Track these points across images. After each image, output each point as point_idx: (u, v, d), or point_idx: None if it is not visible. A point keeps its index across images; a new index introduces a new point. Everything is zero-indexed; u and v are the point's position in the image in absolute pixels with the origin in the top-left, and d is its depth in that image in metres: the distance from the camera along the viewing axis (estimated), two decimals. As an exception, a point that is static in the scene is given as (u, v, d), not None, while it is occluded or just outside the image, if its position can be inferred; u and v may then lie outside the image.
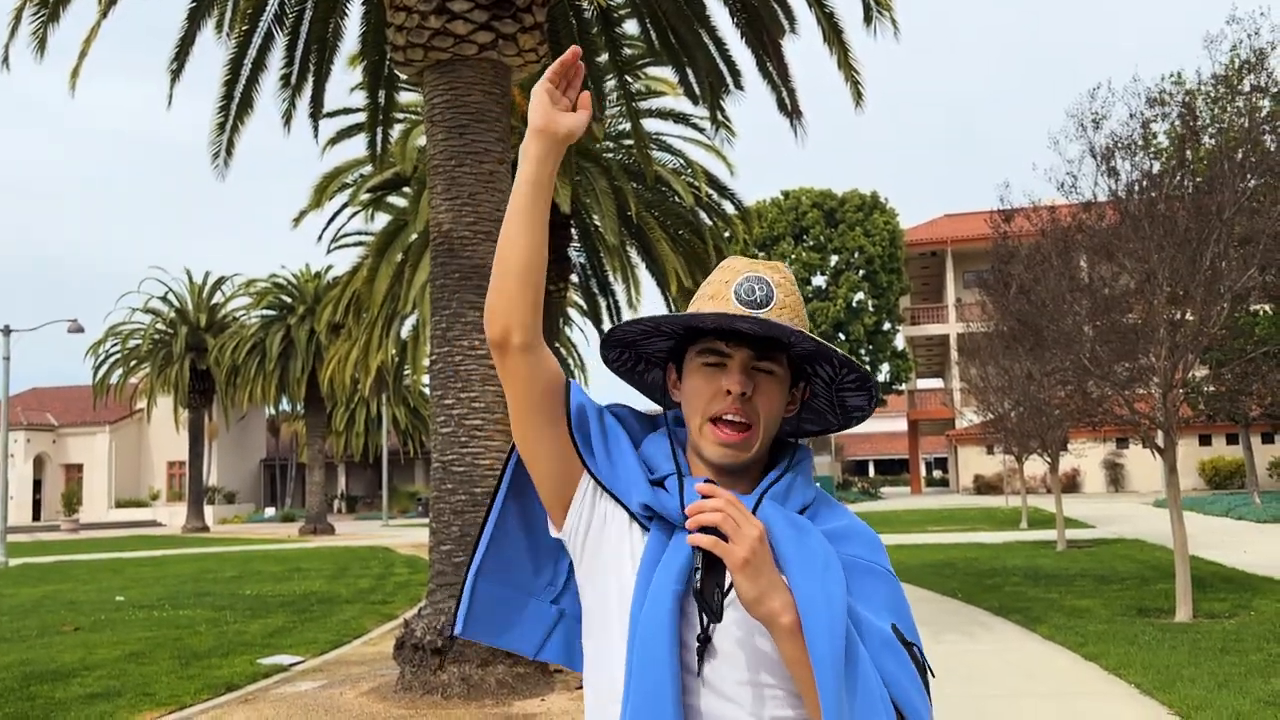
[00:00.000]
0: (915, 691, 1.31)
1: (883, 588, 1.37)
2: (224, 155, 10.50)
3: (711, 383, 1.39)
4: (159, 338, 40.95)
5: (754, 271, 1.43)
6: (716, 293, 1.43)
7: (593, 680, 1.44)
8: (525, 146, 1.42)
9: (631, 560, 1.39)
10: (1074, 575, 13.32)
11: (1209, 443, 42.39)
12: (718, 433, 1.37)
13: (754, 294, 1.41)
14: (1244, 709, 5.99)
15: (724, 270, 1.45)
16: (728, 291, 1.42)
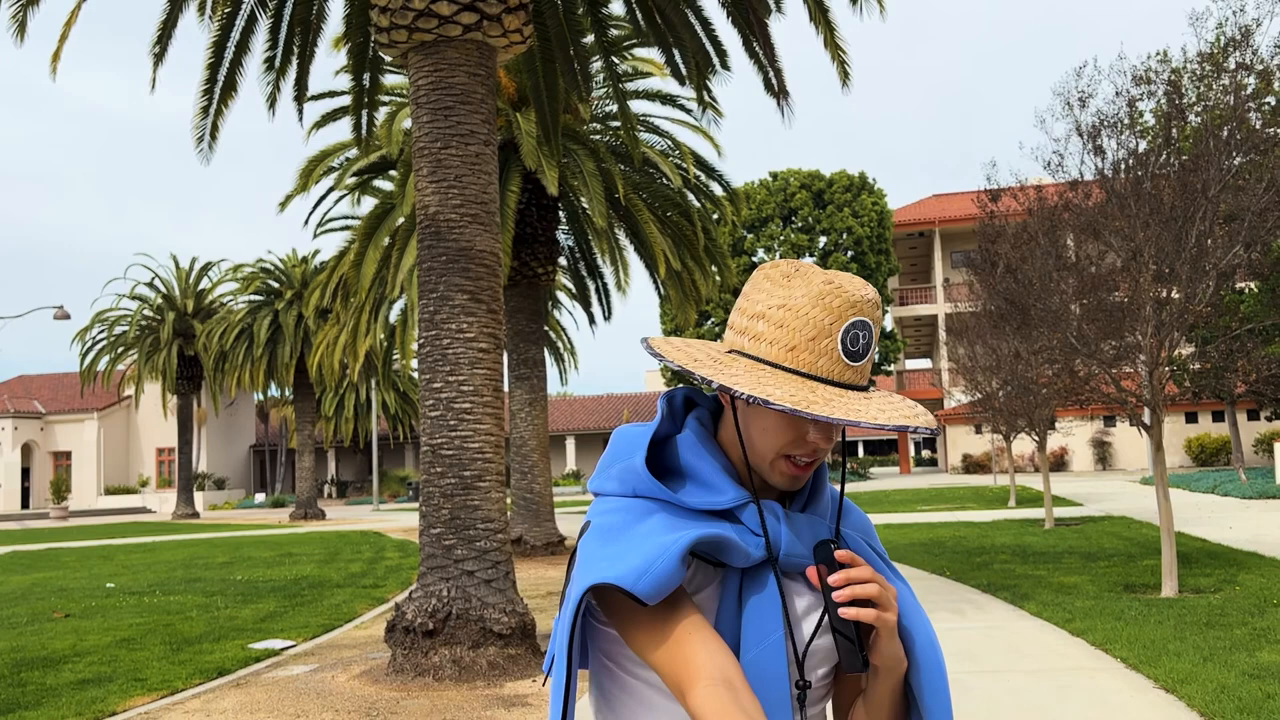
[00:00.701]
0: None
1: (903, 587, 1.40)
2: (208, 139, 10.44)
3: (793, 428, 1.29)
4: (146, 324, 40.79)
5: (860, 315, 1.28)
6: (819, 335, 1.27)
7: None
8: None
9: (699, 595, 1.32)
10: (1062, 553, 13.41)
11: (1195, 420, 42.63)
12: (792, 468, 1.31)
13: (858, 343, 1.28)
14: (1229, 681, 6.05)
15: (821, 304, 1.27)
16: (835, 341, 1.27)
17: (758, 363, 1.29)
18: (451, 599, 7.68)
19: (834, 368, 1.27)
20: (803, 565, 1.32)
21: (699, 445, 1.35)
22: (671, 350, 1.31)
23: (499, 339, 8.30)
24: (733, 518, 1.31)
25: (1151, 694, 6.12)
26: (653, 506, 1.30)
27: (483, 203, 8.13)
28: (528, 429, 16.97)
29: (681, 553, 1.21)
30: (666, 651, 1.22)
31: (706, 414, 1.41)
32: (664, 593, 1.20)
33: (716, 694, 1.16)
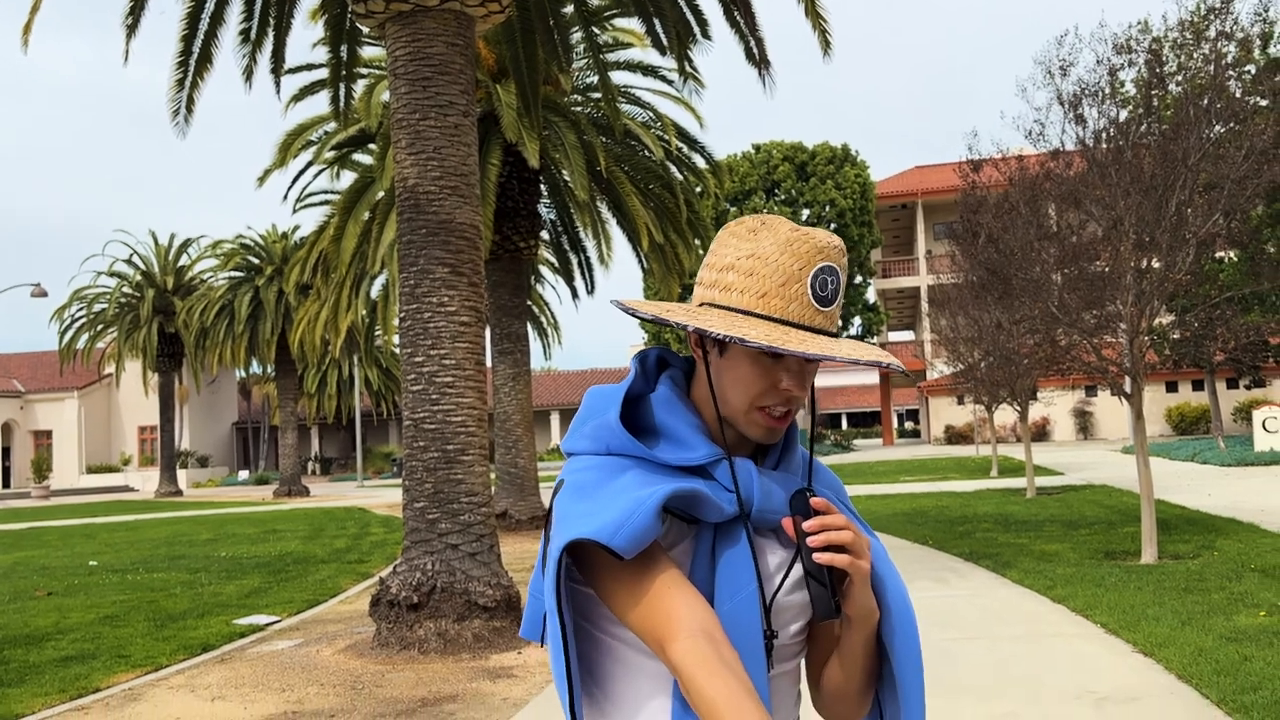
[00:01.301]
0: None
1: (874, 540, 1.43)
2: (184, 113, 10.32)
3: (767, 376, 1.30)
4: (125, 301, 40.48)
5: (827, 260, 1.30)
6: (789, 281, 1.29)
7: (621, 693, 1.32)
8: None
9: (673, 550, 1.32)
10: (1043, 521, 13.51)
11: (1175, 389, 42.95)
12: (767, 419, 1.32)
13: (827, 288, 1.30)
14: (1206, 645, 6.11)
15: (789, 251, 1.29)
16: (805, 286, 1.29)
17: (730, 311, 1.30)
18: (436, 572, 7.69)
19: (804, 312, 1.28)
20: (775, 521, 1.32)
21: (672, 403, 1.35)
22: (643, 305, 1.32)
23: (481, 312, 8.26)
24: (706, 474, 1.31)
25: (1131, 658, 6.19)
26: (626, 463, 1.31)
27: (462, 175, 8.08)
28: (511, 403, 16.94)
29: (657, 506, 1.21)
30: (645, 606, 1.22)
31: (679, 373, 1.42)
32: (641, 546, 1.20)
33: (697, 646, 1.16)
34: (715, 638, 1.18)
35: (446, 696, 6.27)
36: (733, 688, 1.13)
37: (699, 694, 1.14)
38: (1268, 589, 7.76)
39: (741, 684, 1.14)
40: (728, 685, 1.13)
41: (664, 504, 1.23)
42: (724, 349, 1.33)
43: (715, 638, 1.18)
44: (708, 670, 1.14)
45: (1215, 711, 5.01)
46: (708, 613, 1.21)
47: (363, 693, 6.49)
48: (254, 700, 6.44)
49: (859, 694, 1.37)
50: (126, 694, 6.81)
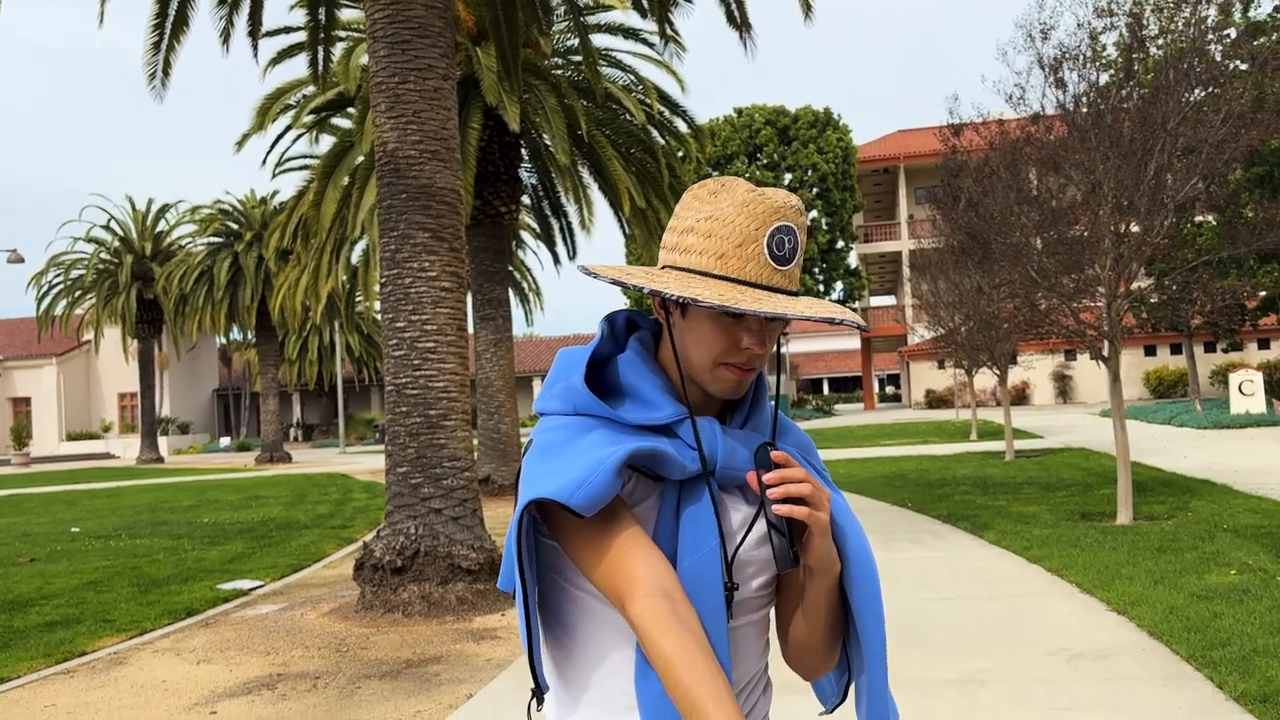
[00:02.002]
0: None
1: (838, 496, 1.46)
2: (160, 76, 10.21)
3: (728, 335, 1.34)
4: (103, 267, 40.12)
5: (783, 219, 1.32)
6: (746, 241, 1.31)
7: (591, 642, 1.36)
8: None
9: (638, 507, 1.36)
10: (1021, 483, 13.66)
11: (1153, 353, 43.29)
12: (730, 374, 1.35)
13: (784, 248, 1.32)
14: (1177, 603, 6.23)
15: (746, 211, 1.31)
16: (761, 246, 1.31)
17: (689, 273, 1.33)
18: (419, 536, 7.73)
19: (762, 271, 1.31)
20: (740, 478, 1.36)
21: (639, 364, 1.39)
22: (606, 270, 1.34)
23: (462, 278, 8.25)
24: (670, 433, 1.35)
25: (1103, 616, 6.30)
26: (593, 423, 1.34)
27: (442, 139, 8.04)
28: (493, 369, 16.95)
29: (616, 466, 1.25)
30: (607, 564, 1.26)
31: (648, 335, 1.45)
32: (599, 505, 1.24)
33: (655, 605, 1.20)
34: (673, 596, 1.22)
35: (431, 658, 6.33)
36: (687, 645, 1.17)
37: (655, 651, 1.18)
38: (1239, 548, 7.90)
39: (696, 642, 1.18)
40: (682, 643, 1.17)
41: (625, 463, 1.26)
42: (685, 310, 1.35)
43: (673, 596, 1.22)
44: (663, 629, 1.18)
45: (1184, 666, 5.12)
46: (667, 571, 1.24)
47: (347, 655, 6.54)
48: (239, 663, 6.49)
49: (823, 646, 1.41)
50: (112, 658, 6.85)
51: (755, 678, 1.42)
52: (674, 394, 1.38)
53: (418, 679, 5.86)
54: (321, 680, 5.95)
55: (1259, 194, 23.40)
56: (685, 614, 1.22)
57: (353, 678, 5.97)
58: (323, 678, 6.01)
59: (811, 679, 1.48)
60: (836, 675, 1.48)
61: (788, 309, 1.26)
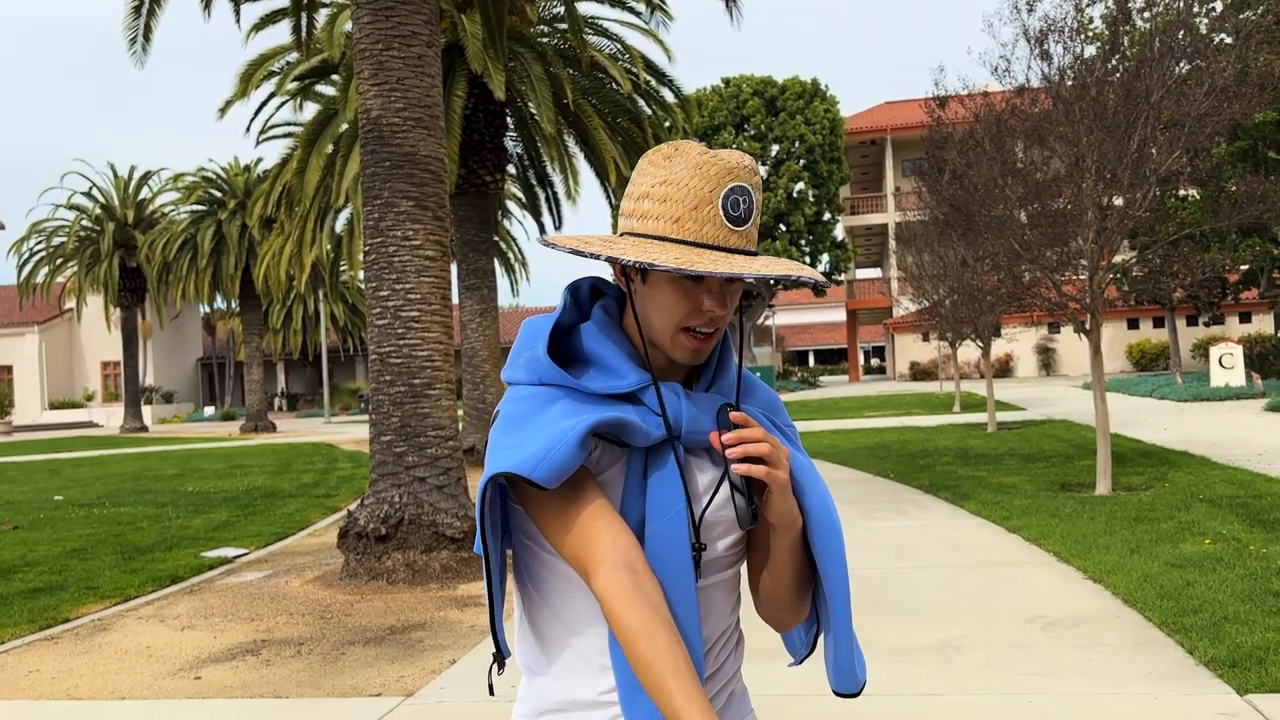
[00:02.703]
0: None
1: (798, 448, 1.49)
2: (141, 41, 10.11)
3: (689, 299, 1.34)
4: (85, 234, 39.81)
5: (737, 180, 1.32)
6: (701, 204, 1.32)
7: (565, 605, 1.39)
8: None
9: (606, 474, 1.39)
10: (1002, 454, 13.78)
11: (1136, 326, 43.55)
12: (691, 340, 1.36)
13: (739, 208, 1.33)
14: (1152, 571, 6.32)
15: (700, 174, 1.32)
16: (716, 208, 1.32)
17: (646, 238, 1.34)
18: (404, 505, 7.76)
19: (718, 233, 1.32)
20: (706, 441, 1.38)
21: (602, 332, 1.40)
22: (565, 239, 1.35)
23: (446, 246, 8.24)
24: (635, 400, 1.37)
25: (1079, 584, 6.39)
26: (557, 394, 1.36)
27: (426, 106, 8.00)
28: (479, 339, 16.94)
29: (579, 438, 1.27)
30: (572, 536, 1.29)
31: (613, 303, 1.45)
32: (562, 477, 1.26)
33: (618, 578, 1.23)
34: (636, 569, 1.25)
35: (415, 625, 6.38)
36: (648, 619, 1.20)
37: (617, 624, 1.21)
38: (1214, 518, 8.01)
39: (658, 615, 1.22)
40: (644, 617, 1.21)
41: (589, 433, 1.29)
42: (645, 276, 1.36)
43: (636, 569, 1.25)
44: (626, 603, 1.21)
45: (1156, 632, 5.21)
46: (630, 543, 1.27)
47: (332, 621, 6.59)
48: (224, 630, 6.52)
49: (791, 600, 1.45)
50: (96, 624, 6.87)
51: (726, 633, 1.45)
52: (638, 360, 1.40)
53: (401, 645, 5.90)
54: (306, 646, 5.99)
55: (1242, 168, 23.49)
56: (648, 586, 1.25)
57: (337, 644, 6.01)
58: (307, 643, 6.05)
59: (782, 631, 1.52)
60: (805, 628, 1.53)
61: (745, 269, 1.27)
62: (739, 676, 1.51)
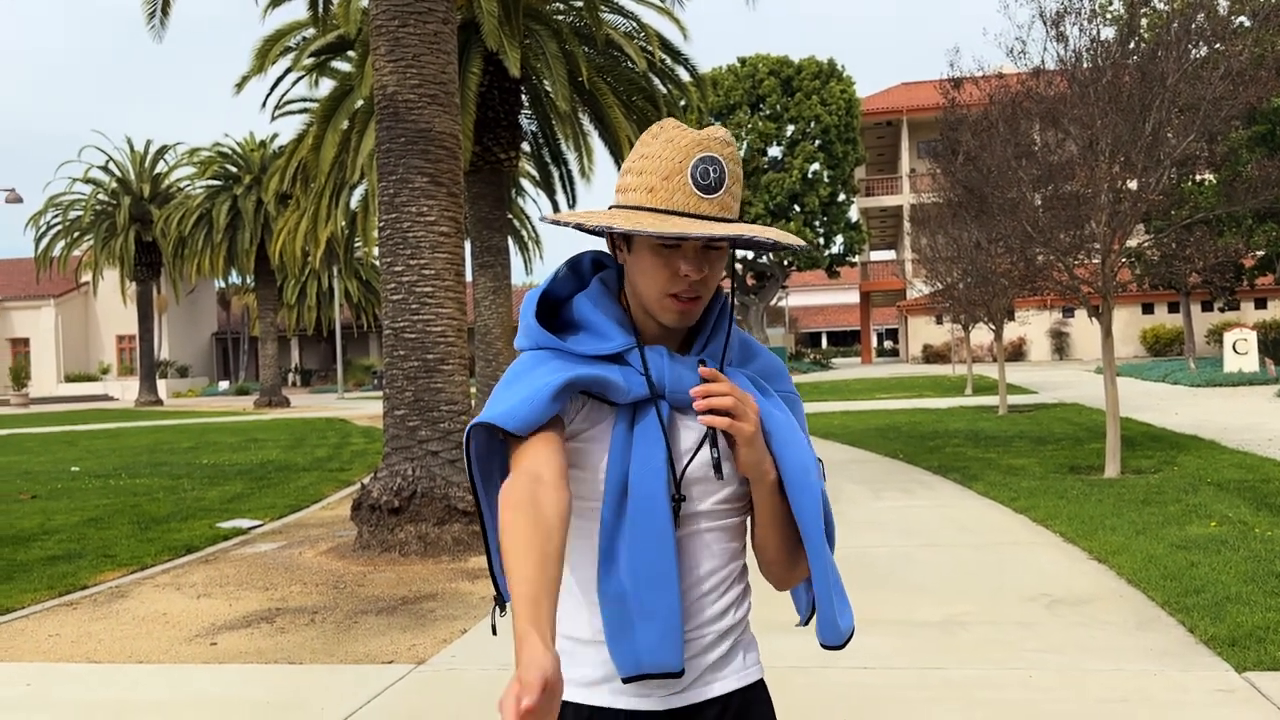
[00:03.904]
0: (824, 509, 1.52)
1: (799, 413, 1.57)
2: (160, 15, 10.16)
3: (668, 265, 1.43)
4: (101, 208, 39.98)
5: (706, 151, 1.41)
6: (671, 174, 1.41)
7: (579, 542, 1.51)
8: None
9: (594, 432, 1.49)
10: (1012, 437, 13.80)
11: (1151, 311, 43.37)
12: (676, 304, 1.45)
13: (709, 177, 1.41)
14: (1157, 552, 6.37)
15: (671, 146, 1.42)
16: (685, 177, 1.40)
17: (627, 209, 1.45)
18: (416, 478, 7.86)
19: (689, 200, 1.41)
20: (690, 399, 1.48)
21: (596, 300, 1.51)
22: (565, 215, 1.46)
23: (460, 223, 8.30)
24: (622, 361, 1.47)
25: (1085, 564, 6.44)
26: (549, 355, 1.48)
27: (442, 83, 8.04)
28: (491, 317, 17.01)
29: (553, 391, 1.38)
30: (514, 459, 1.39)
31: (612, 275, 1.56)
32: (533, 426, 1.37)
33: (517, 481, 1.32)
34: (541, 479, 1.32)
35: (426, 595, 6.48)
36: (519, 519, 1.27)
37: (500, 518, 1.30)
38: (1221, 501, 8.04)
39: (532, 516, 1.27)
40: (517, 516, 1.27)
41: (564, 388, 1.39)
42: (631, 245, 1.47)
43: (541, 479, 1.32)
44: (511, 502, 1.29)
45: (1159, 611, 5.27)
46: (549, 461, 1.36)
47: (345, 591, 6.69)
48: (239, 598, 6.63)
49: (781, 555, 1.53)
50: (113, 591, 7.00)
51: (726, 576, 1.53)
52: (630, 325, 1.50)
53: (413, 615, 6.00)
54: (319, 615, 6.10)
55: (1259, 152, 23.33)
56: (542, 495, 1.30)
57: (350, 613, 6.11)
58: (320, 612, 6.16)
59: (781, 588, 1.59)
60: (806, 587, 1.59)
61: (706, 230, 1.36)
62: (746, 628, 1.57)
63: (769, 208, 43.63)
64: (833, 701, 4.24)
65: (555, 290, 1.54)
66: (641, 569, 1.42)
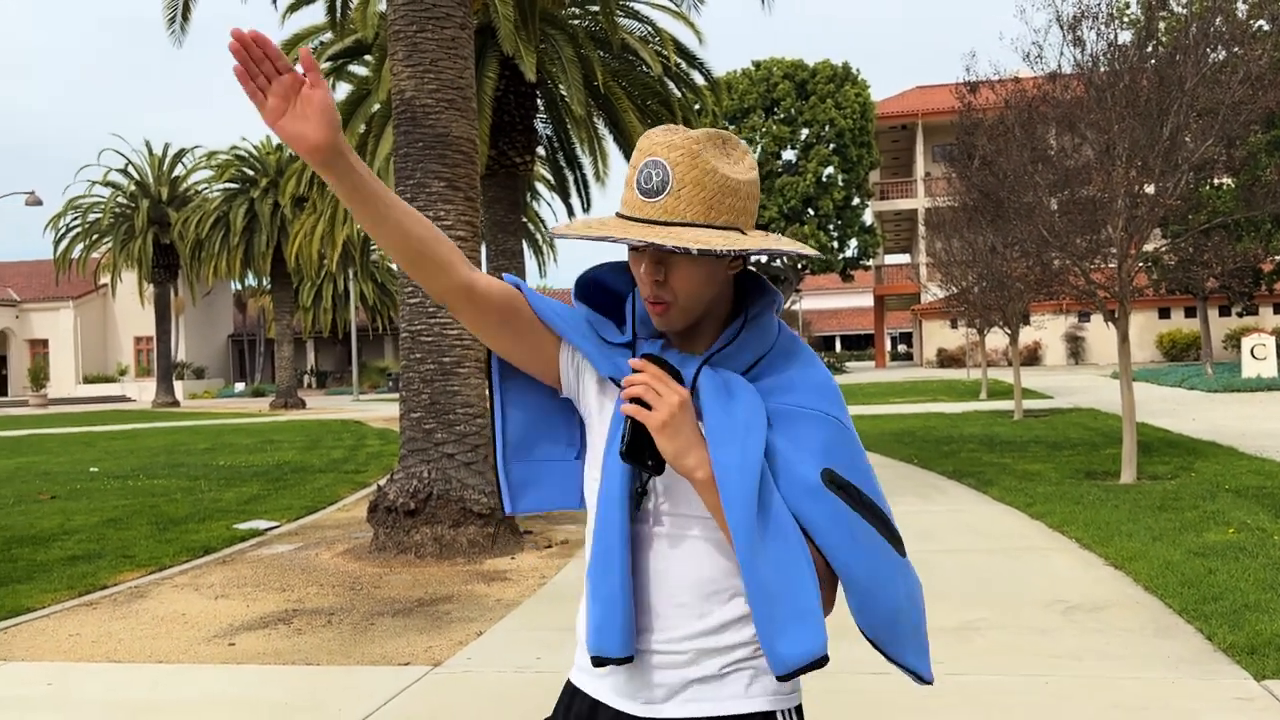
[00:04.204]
0: (845, 534, 1.42)
1: (820, 432, 1.46)
2: (179, 21, 10.24)
3: (635, 268, 1.48)
4: (120, 211, 40.25)
5: (650, 155, 1.43)
6: (628, 180, 1.46)
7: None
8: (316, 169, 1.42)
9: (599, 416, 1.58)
10: (1028, 442, 13.76)
11: (1168, 316, 43.15)
12: (650, 308, 1.48)
13: (650, 181, 1.41)
14: (1174, 559, 6.35)
15: (637, 152, 1.46)
16: (633, 181, 1.44)
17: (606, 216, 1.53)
18: (432, 480, 7.89)
19: (634, 204, 1.45)
20: None
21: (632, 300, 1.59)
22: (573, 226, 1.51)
23: (477, 227, 8.34)
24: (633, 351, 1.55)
25: (1101, 570, 6.42)
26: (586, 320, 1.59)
27: (459, 88, 8.08)
28: (506, 319, 17.04)
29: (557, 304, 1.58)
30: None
31: None
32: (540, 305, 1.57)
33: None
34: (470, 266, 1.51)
35: (442, 597, 6.50)
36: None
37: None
38: (1239, 508, 8.00)
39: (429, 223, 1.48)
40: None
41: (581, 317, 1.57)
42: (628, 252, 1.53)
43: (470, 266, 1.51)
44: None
45: (1176, 619, 5.25)
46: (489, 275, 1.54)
47: (361, 593, 6.73)
48: (256, 599, 6.67)
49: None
50: (132, 591, 7.05)
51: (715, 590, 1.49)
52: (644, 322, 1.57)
53: (429, 617, 6.03)
54: (336, 616, 6.13)
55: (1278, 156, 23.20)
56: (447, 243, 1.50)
57: (366, 614, 6.15)
58: (337, 614, 6.19)
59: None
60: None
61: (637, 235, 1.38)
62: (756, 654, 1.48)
63: (783, 211, 43.60)
64: (846, 708, 4.25)
65: (600, 277, 1.61)
66: (597, 553, 1.47)
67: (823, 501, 1.42)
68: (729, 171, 1.44)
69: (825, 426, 1.47)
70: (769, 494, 1.41)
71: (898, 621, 1.47)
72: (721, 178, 1.42)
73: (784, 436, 1.45)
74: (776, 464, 1.44)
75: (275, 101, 1.36)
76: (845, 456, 1.46)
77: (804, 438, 1.45)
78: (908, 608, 1.48)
